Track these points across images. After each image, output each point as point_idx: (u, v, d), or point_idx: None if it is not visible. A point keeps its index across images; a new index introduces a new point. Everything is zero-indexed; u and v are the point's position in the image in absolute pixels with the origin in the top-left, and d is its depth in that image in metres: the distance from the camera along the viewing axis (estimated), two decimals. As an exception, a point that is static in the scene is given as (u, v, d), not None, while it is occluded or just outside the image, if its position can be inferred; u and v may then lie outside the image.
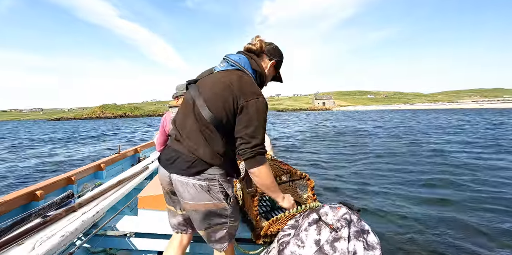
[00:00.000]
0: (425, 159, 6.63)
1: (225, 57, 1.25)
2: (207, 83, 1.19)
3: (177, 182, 1.17)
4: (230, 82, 1.12)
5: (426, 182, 4.68)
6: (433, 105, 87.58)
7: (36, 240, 1.25)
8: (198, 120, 1.14)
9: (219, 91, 1.13)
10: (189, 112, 1.19)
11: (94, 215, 1.62)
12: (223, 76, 1.17)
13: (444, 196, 3.94)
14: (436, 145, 8.68)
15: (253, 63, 1.24)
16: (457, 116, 28.72)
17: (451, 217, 3.22)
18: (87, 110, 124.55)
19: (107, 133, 21.89)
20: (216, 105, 1.11)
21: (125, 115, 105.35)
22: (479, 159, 6.47)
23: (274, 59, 1.30)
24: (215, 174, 1.15)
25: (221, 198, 1.17)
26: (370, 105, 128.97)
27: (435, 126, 16.77)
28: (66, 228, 1.39)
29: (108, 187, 2.06)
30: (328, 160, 7.08)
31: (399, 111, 61.41)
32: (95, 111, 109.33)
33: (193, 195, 1.15)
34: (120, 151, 3.43)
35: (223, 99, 1.11)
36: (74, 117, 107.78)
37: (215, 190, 1.16)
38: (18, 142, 16.82)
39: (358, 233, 1.04)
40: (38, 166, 8.01)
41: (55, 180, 2.12)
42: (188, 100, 1.22)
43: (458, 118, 24.87)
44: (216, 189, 1.16)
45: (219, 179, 1.16)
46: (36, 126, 50.47)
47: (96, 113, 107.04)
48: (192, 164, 1.12)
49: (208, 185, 1.14)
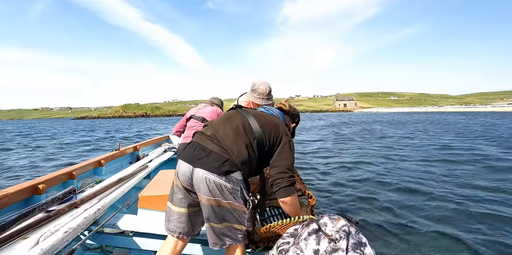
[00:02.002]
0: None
1: (266, 107, 1.55)
2: (257, 112, 1.42)
3: (202, 178, 1.21)
4: (277, 120, 1.40)
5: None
6: (464, 107, 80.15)
7: (40, 234, 1.28)
8: (244, 129, 1.29)
9: (269, 119, 1.38)
10: (234, 121, 1.34)
11: (96, 212, 1.64)
12: (269, 115, 1.43)
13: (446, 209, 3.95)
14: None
15: (286, 118, 1.55)
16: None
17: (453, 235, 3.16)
18: (110, 109, 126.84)
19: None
20: (266, 127, 1.32)
21: (146, 114, 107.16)
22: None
23: (295, 122, 1.64)
24: (239, 179, 1.24)
25: (241, 203, 1.25)
26: (394, 107, 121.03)
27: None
28: (69, 224, 1.41)
29: (109, 185, 2.09)
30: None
31: (426, 113, 56.12)
32: (117, 111, 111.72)
33: (215, 192, 1.21)
34: (119, 148, 3.45)
35: (272, 128, 1.33)
36: (98, 116, 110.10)
37: (237, 194, 1.24)
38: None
39: (356, 245, 1.08)
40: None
41: (56, 174, 2.13)
42: (234, 114, 1.39)
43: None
44: (238, 193, 1.24)
45: (241, 185, 1.25)
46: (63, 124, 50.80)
47: (118, 113, 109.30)
48: (222, 163, 1.20)
49: (232, 187, 1.22)
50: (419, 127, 17.84)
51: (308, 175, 5.83)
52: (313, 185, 5.02)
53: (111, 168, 3.09)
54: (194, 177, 1.24)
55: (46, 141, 15.61)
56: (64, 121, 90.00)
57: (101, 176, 2.74)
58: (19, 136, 19.94)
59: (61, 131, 26.41)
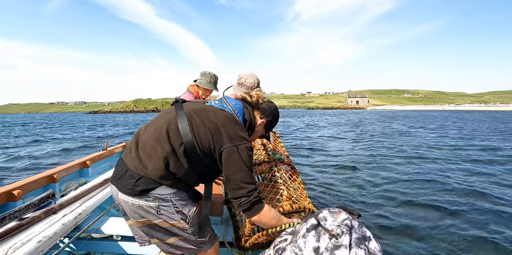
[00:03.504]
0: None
1: (222, 98, 1.22)
2: (196, 108, 1.12)
3: (123, 201, 1.06)
4: (223, 119, 1.08)
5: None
6: (484, 106, 78.46)
7: (9, 246, 1.15)
8: (167, 133, 1.04)
9: (210, 118, 1.08)
10: (158, 122, 1.09)
11: (76, 217, 1.51)
12: (216, 111, 1.12)
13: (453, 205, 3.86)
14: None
15: (246, 113, 1.19)
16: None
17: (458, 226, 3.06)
18: (122, 104, 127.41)
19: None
20: (200, 129, 1.04)
21: (157, 109, 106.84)
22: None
23: (266, 119, 1.24)
24: (166, 194, 1.04)
25: (178, 218, 1.08)
26: (408, 104, 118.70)
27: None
28: (44, 232, 1.28)
29: (93, 186, 1.95)
30: None
31: (444, 111, 53.73)
32: (129, 105, 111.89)
33: (140, 214, 1.05)
34: (107, 148, 3.29)
35: (210, 130, 1.05)
36: (109, 110, 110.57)
37: (169, 210, 1.06)
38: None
39: (360, 240, 0.98)
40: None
41: (35, 178, 1.98)
42: (166, 113, 1.13)
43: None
44: (170, 209, 1.06)
45: (172, 199, 1.06)
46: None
47: (129, 107, 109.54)
48: (136, 182, 1.01)
49: (159, 206, 1.04)
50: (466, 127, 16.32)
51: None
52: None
53: (99, 170, 2.94)
54: (120, 200, 1.08)
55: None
56: (77, 114, 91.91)
57: (87, 178, 2.59)
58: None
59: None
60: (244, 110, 1.19)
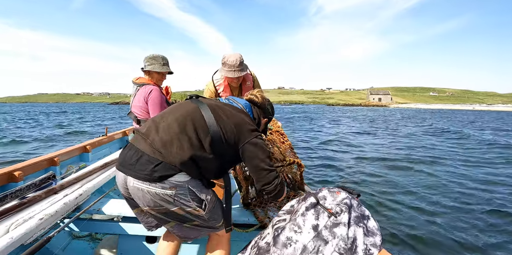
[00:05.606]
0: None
1: (230, 98, 1.31)
2: (216, 104, 1.19)
3: (135, 188, 1.02)
4: (241, 114, 1.19)
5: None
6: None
7: (11, 222, 1.16)
8: (192, 122, 1.08)
9: (230, 112, 1.17)
10: (181, 111, 1.12)
11: (77, 197, 1.52)
12: (232, 107, 1.22)
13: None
14: None
15: (255, 112, 1.32)
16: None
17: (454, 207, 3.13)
18: None
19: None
20: (224, 122, 1.11)
21: (175, 101, 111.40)
22: None
23: (267, 117, 1.38)
24: (183, 181, 1.03)
25: (195, 206, 1.07)
26: (434, 103, 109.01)
27: None
28: (45, 210, 1.29)
29: (93, 169, 1.96)
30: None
31: (476, 112, 49.05)
32: None
33: (155, 202, 1.03)
34: (107, 134, 3.29)
35: (233, 123, 1.13)
36: (129, 102, 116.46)
37: (186, 198, 1.05)
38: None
39: (358, 219, 0.98)
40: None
41: (36, 160, 1.99)
42: (185, 104, 1.18)
43: None
44: (187, 197, 1.05)
45: (189, 186, 1.05)
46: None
47: None
48: (154, 167, 0.99)
49: (175, 193, 1.02)
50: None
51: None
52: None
53: (99, 155, 2.95)
54: (129, 187, 1.04)
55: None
56: (101, 105, 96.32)
57: (87, 162, 2.60)
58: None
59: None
60: (253, 109, 1.31)
